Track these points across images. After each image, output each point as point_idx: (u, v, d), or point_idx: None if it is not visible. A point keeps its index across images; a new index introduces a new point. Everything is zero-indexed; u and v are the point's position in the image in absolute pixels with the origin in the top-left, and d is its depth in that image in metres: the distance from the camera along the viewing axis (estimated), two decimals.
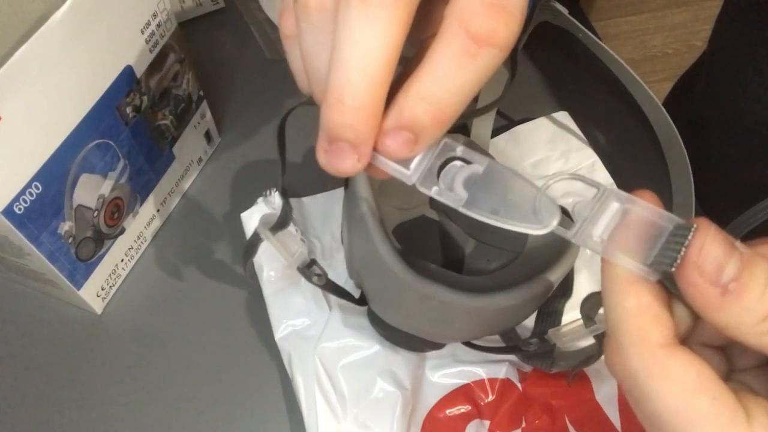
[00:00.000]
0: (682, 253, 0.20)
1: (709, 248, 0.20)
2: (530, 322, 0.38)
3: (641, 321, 0.21)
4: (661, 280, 0.22)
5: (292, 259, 0.36)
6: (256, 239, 0.37)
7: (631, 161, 0.52)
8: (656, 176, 0.49)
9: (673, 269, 0.20)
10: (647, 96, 0.45)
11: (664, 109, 0.44)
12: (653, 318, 0.21)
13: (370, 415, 0.40)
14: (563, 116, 0.53)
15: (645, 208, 0.21)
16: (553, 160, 0.51)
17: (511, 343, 0.38)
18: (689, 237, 0.20)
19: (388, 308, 0.36)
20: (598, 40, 0.45)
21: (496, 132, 0.53)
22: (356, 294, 0.40)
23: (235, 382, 0.44)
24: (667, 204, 0.47)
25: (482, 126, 0.51)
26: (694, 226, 0.20)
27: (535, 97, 0.56)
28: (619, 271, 0.22)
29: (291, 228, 0.37)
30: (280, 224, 0.36)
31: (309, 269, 0.37)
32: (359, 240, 0.34)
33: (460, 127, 0.51)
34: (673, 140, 0.46)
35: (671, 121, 0.45)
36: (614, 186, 0.49)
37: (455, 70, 0.21)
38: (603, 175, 0.50)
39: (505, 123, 0.54)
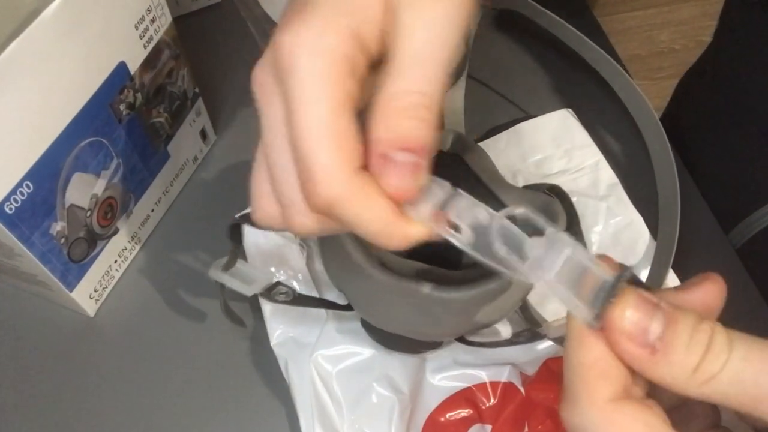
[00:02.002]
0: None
1: (632, 313, 0.22)
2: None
3: (588, 377, 0.22)
4: None
5: (249, 287, 0.37)
6: (220, 285, 0.39)
7: (637, 159, 0.52)
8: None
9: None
10: (623, 79, 0.45)
11: (644, 97, 0.44)
12: (600, 374, 0.22)
13: (367, 421, 0.40)
14: (566, 114, 0.53)
15: (590, 259, 0.23)
16: (556, 158, 0.51)
17: (533, 323, 0.39)
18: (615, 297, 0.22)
19: (372, 311, 0.36)
20: (569, 27, 0.45)
21: (497, 130, 0.53)
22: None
23: (232, 388, 0.44)
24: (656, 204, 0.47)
25: (455, 100, 0.51)
26: (623, 280, 0.22)
27: (537, 95, 0.56)
28: (573, 325, 0.23)
29: (243, 262, 0.39)
30: (231, 261, 0.38)
31: (271, 292, 0.38)
32: (331, 246, 0.34)
33: None
34: (653, 125, 0.46)
35: (651, 108, 0.45)
36: (620, 186, 0.49)
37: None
38: (608, 174, 0.50)
39: (506, 121, 0.54)
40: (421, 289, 0.32)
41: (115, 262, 0.47)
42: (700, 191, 0.51)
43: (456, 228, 0.24)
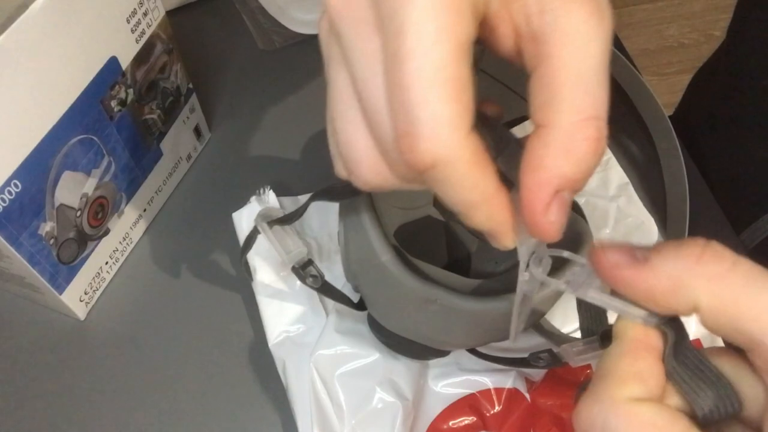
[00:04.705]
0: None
1: (615, 247, 0.23)
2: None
3: (625, 377, 0.22)
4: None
5: (287, 256, 0.36)
6: (255, 233, 0.38)
7: (648, 158, 0.52)
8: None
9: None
10: (634, 77, 0.45)
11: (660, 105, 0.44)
12: (636, 377, 0.22)
13: (368, 427, 0.40)
14: None
15: None
16: None
17: (546, 336, 0.39)
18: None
19: (388, 313, 0.36)
20: None
21: (507, 127, 0.52)
22: (354, 298, 0.41)
23: (227, 391, 0.44)
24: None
25: None
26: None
27: None
28: (628, 333, 0.23)
29: (290, 227, 0.38)
30: (281, 220, 0.37)
31: (304, 270, 0.37)
32: (356, 241, 0.34)
33: None
34: (662, 123, 0.46)
35: (663, 110, 0.44)
36: (630, 186, 0.49)
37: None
38: (618, 174, 0.50)
39: (515, 117, 0.53)
40: (443, 295, 0.32)
41: (106, 263, 0.47)
42: (711, 191, 0.51)
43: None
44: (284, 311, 0.44)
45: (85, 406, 0.44)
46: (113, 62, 0.40)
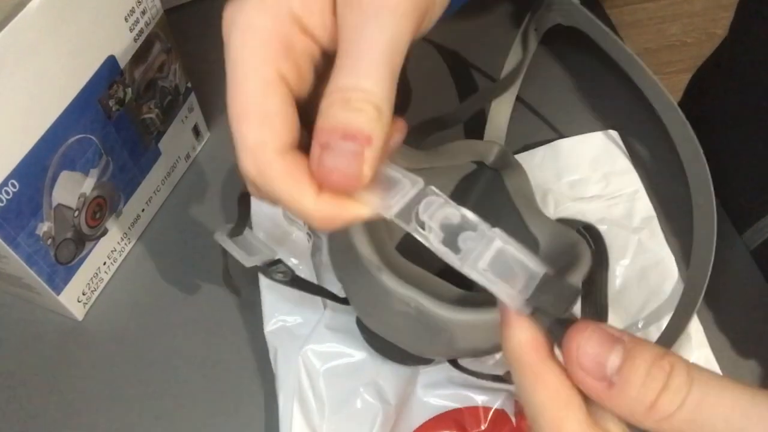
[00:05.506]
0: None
1: (587, 346, 0.22)
2: None
3: (555, 412, 0.23)
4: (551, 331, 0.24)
5: (249, 259, 0.37)
6: (223, 251, 0.39)
7: (681, 188, 0.49)
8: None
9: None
10: (669, 105, 0.43)
11: (684, 118, 0.43)
12: (565, 405, 0.23)
13: (347, 426, 0.40)
14: (612, 135, 0.51)
15: (521, 251, 0.24)
16: (593, 182, 0.49)
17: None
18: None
19: (368, 312, 0.36)
20: (619, 42, 0.44)
21: (536, 144, 0.51)
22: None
23: (226, 391, 0.44)
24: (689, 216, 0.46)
25: (501, 110, 0.50)
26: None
27: (584, 113, 0.54)
28: (526, 360, 0.23)
29: (251, 233, 0.39)
30: (233, 231, 0.38)
31: (270, 267, 0.38)
32: (339, 234, 0.34)
33: (477, 112, 0.50)
34: (692, 147, 0.44)
35: (695, 138, 0.43)
36: (655, 220, 0.47)
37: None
38: (645, 206, 0.48)
39: (542, 139, 0.52)
40: (417, 300, 0.31)
41: (104, 263, 0.47)
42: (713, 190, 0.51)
43: (423, 226, 0.25)
44: (284, 300, 0.44)
45: (83, 406, 0.44)
46: (111, 61, 0.40)
